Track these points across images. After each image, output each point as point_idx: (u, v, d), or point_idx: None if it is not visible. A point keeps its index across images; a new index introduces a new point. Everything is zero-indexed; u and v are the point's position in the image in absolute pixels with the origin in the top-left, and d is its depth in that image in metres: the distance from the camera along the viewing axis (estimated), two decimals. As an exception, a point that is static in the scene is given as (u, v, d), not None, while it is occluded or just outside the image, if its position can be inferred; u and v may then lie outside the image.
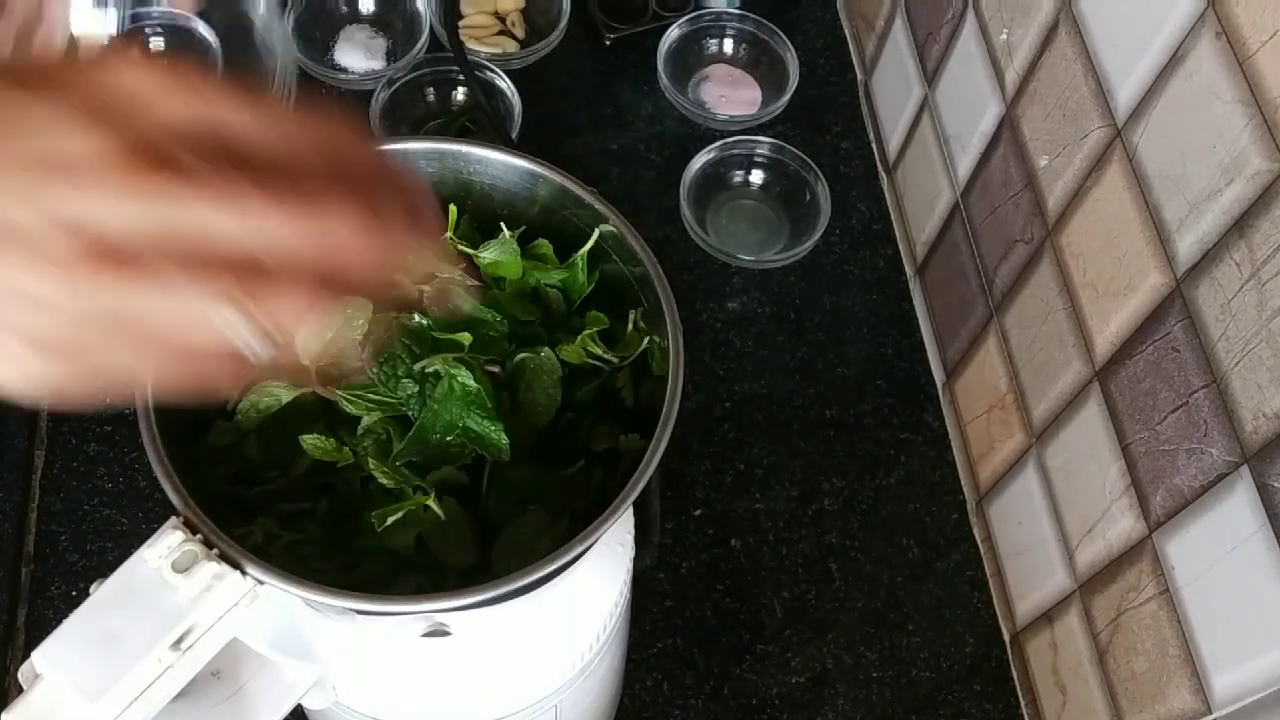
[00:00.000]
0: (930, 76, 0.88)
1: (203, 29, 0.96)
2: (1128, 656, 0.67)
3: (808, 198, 0.95)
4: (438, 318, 0.54)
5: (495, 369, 0.54)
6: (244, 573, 0.44)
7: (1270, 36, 0.52)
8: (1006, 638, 0.82)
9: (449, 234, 0.56)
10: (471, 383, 0.51)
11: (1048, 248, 0.73)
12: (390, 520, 0.49)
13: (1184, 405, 0.60)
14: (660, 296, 0.52)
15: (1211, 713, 0.60)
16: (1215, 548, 0.59)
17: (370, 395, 0.52)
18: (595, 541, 0.46)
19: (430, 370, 0.52)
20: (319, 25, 1.01)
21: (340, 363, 0.53)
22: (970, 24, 0.80)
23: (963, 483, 0.87)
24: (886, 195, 0.98)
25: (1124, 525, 0.67)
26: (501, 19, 1.03)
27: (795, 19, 1.05)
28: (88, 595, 0.44)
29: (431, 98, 0.98)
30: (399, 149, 0.56)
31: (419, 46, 0.97)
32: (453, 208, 0.56)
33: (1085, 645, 0.72)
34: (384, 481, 0.50)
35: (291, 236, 0.34)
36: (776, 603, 0.81)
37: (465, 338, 0.53)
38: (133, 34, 0.96)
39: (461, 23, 1.01)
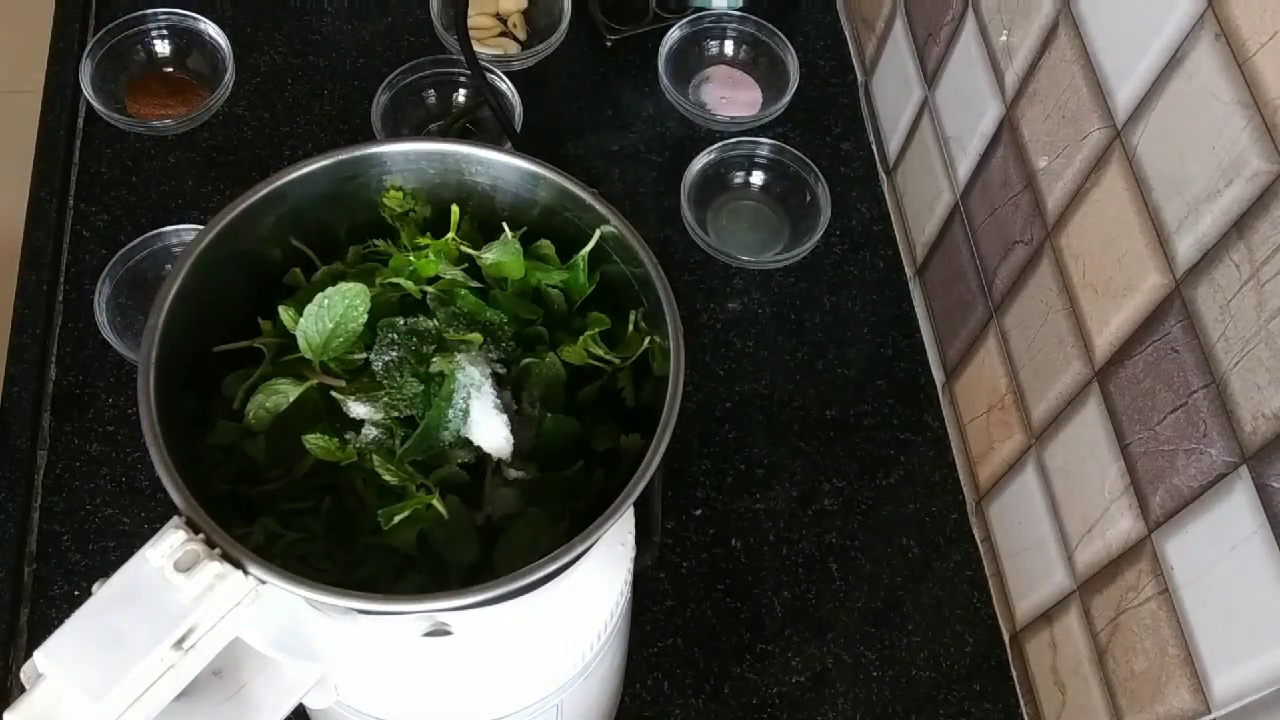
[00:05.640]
0: (930, 78, 0.88)
1: (211, 30, 0.96)
2: (1127, 656, 0.67)
3: (808, 199, 0.95)
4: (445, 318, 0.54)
5: (501, 370, 0.54)
6: (246, 572, 0.45)
7: (1270, 38, 0.52)
8: (1006, 637, 0.82)
9: (451, 235, 0.56)
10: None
11: (1047, 248, 0.73)
12: (397, 519, 0.49)
13: (1183, 406, 0.60)
14: (661, 297, 0.52)
15: (1211, 712, 0.60)
16: (1214, 548, 0.59)
17: (375, 396, 0.52)
18: (596, 541, 0.47)
19: (435, 371, 0.52)
20: None
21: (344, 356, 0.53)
22: (970, 25, 0.81)
23: (962, 483, 0.87)
24: (886, 196, 0.98)
25: (1123, 525, 0.67)
26: (503, 20, 1.03)
27: (795, 20, 1.05)
28: (90, 595, 0.44)
29: (432, 100, 0.98)
30: (401, 150, 0.56)
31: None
32: (455, 209, 0.57)
33: (1085, 645, 0.72)
34: (388, 479, 0.50)
35: None
36: (777, 602, 0.81)
37: (476, 338, 0.53)
38: (138, 36, 0.96)
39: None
